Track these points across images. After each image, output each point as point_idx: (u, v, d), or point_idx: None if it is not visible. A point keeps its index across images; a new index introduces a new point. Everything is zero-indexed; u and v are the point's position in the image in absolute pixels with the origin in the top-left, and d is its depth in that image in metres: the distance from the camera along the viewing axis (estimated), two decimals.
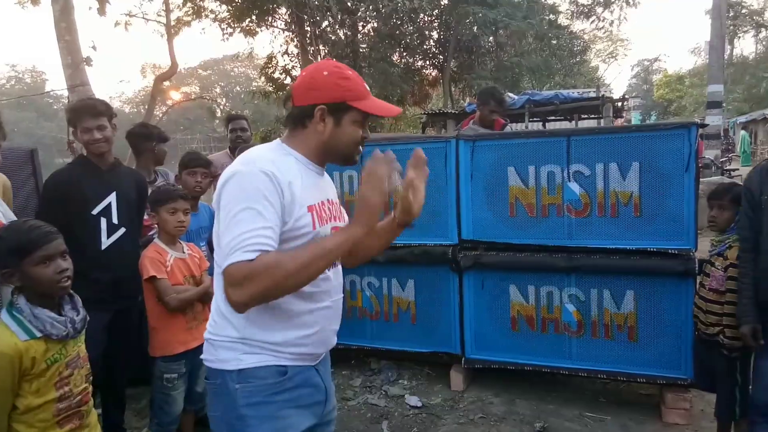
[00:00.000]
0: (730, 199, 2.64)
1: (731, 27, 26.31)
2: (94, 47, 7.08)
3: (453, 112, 12.88)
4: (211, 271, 2.90)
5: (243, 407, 1.44)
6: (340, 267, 1.66)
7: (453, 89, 18.81)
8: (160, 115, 16.31)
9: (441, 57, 17.71)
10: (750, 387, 2.63)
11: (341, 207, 1.70)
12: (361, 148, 1.57)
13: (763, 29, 28.43)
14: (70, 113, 2.79)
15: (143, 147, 3.56)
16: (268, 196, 1.36)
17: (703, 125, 3.11)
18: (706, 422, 3.11)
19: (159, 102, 16.33)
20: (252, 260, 1.28)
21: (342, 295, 1.67)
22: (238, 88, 42.60)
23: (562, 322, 3.45)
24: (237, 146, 4.19)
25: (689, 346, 3.12)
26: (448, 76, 17.38)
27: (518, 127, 11.21)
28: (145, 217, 3.12)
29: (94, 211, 2.69)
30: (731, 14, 23.71)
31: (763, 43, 30.66)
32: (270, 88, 15.97)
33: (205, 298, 2.70)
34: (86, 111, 2.69)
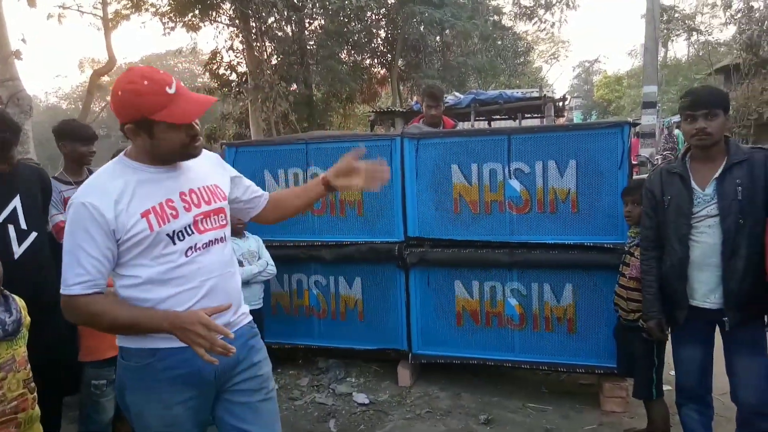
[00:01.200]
0: (642, 194, 2.77)
1: (665, 30, 27.46)
2: (24, 40, 6.71)
3: (401, 110, 12.96)
4: None
5: (123, 376, 1.67)
6: (220, 245, 1.73)
7: (402, 88, 18.93)
8: (99, 111, 15.66)
9: (389, 55, 17.78)
10: (663, 370, 2.80)
11: (216, 188, 1.76)
12: (194, 143, 1.63)
13: (695, 33, 29.83)
14: None
15: (63, 148, 3.28)
16: (89, 228, 1.51)
17: (635, 124, 3.25)
18: (642, 409, 3.24)
19: (98, 98, 15.67)
20: (77, 296, 1.52)
21: (228, 270, 1.74)
22: (182, 84, 41.36)
23: (505, 316, 3.53)
24: None
25: (613, 334, 3.24)
26: (396, 74, 17.47)
27: (464, 125, 11.39)
28: (61, 218, 2.95)
29: None
30: (665, 18, 24.76)
31: (695, 46, 32.20)
32: (215, 85, 15.62)
33: None
34: None
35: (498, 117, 13.00)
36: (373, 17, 16.49)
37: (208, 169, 1.79)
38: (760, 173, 2.27)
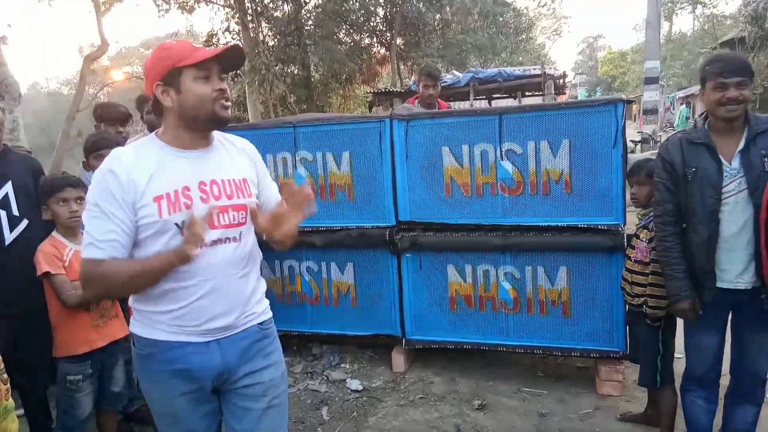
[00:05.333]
0: (646, 174, 2.65)
1: (669, 4, 27.01)
2: (9, 25, 6.62)
3: (399, 90, 12.79)
4: None
5: (135, 362, 1.71)
6: (232, 244, 1.65)
7: (402, 67, 18.68)
8: (93, 96, 15.56)
9: (388, 34, 17.51)
10: (670, 357, 2.71)
11: (244, 183, 1.71)
12: (222, 101, 1.59)
13: (699, 6, 29.28)
14: None
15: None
16: (113, 194, 1.51)
17: (630, 101, 3.14)
18: (639, 392, 3.20)
19: (92, 83, 15.55)
20: (99, 260, 1.51)
21: (234, 272, 1.66)
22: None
23: (498, 300, 3.47)
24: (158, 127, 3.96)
25: (620, 320, 3.19)
26: (395, 53, 17.23)
27: (464, 105, 11.24)
28: None
29: None
30: None
31: (700, 19, 31.64)
32: None
33: None
34: None
35: (498, 96, 12.82)
36: None
37: (241, 162, 1.75)
38: None
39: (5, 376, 1.86)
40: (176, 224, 1.55)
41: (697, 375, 2.48)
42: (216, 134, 1.73)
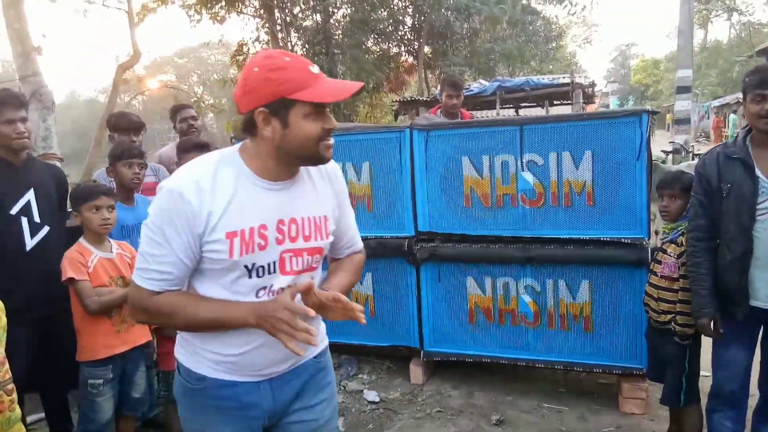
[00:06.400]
0: (681, 188, 2.58)
1: (704, 11, 26.49)
2: (44, 35, 6.87)
3: (425, 99, 12.77)
4: None
5: (177, 389, 1.58)
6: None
7: (429, 76, 18.67)
8: (126, 104, 15.98)
9: (416, 43, 17.54)
10: (695, 376, 2.63)
11: (325, 222, 1.52)
12: (327, 141, 1.39)
13: (735, 13, 28.61)
14: None
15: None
16: (179, 221, 1.34)
17: (655, 113, 3.06)
18: (662, 411, 3.10)
19: (124, 92, 15.95)
20: (151, 292, 1.38)
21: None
22: (216, 76, 41.97)
23: (518, 314, 3.41)
24: (190, 135, 4.01)
25: (644, 336, 3.10)
26: (423, 62, 17.24)
27: (490, 113, 11.17)
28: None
29: (13, 211, 2.49)
30: None
31: (736, 27, 30.92)
32: None
33: None
34: (9, 101, 2.48)
35: (526, 104, 12.69)
36: (399, 4, 16.27)
37: (324, 194, 1.55)
38: None
39: (10, 386, 1.81)
40: (245, 266, 1.39)
41: (725, 393, 2.40)
42: None
